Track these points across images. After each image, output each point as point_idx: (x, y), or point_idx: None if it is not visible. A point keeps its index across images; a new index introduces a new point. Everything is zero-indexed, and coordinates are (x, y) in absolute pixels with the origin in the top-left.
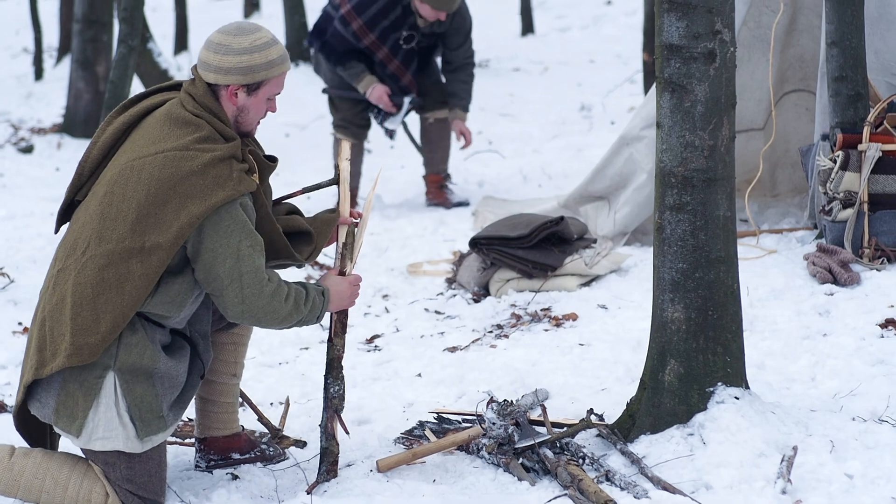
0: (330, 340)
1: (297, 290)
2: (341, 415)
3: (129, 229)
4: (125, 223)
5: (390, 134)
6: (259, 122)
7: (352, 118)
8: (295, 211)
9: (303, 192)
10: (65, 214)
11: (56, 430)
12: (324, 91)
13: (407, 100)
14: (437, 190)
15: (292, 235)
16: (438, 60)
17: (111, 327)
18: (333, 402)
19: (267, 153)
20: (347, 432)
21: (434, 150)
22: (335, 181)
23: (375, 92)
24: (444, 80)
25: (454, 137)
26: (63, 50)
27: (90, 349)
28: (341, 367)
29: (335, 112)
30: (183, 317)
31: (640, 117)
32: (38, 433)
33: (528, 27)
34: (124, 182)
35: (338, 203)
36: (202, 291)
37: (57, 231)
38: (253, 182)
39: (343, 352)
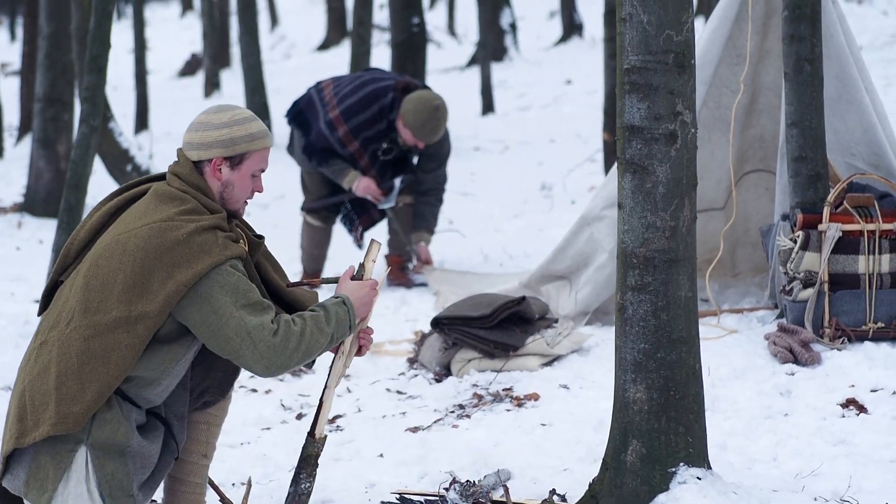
0: (310, 434)
1: (314, 316)
2: None
3: (116, 300)
4: (111, 294)
5: (359, 244)
6: (246, 202)
7: (321, 198)
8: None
9: (322, 283)
10: (48, 295)
11: (26, 502)
12: (302, 208)
13: (398, 181)
14: (399, 271)
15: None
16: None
17: (96, 397)
18: (301, 499)
19: (255, 231)
20: None
21: (399, 233)
22: (359, 277)
23: (362, 184)
24: (415, 178)
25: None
26: (24, 129)
27: (75, 418)
28: (316, 465)
29: (307, 195)
30: (163, 388)
31: (601, 197)
32: None
33: (488, 106)
34: (109, 255)
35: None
36: (183, 362)
37: (41, 312)
38: (240, 248)
39: (321, 449)
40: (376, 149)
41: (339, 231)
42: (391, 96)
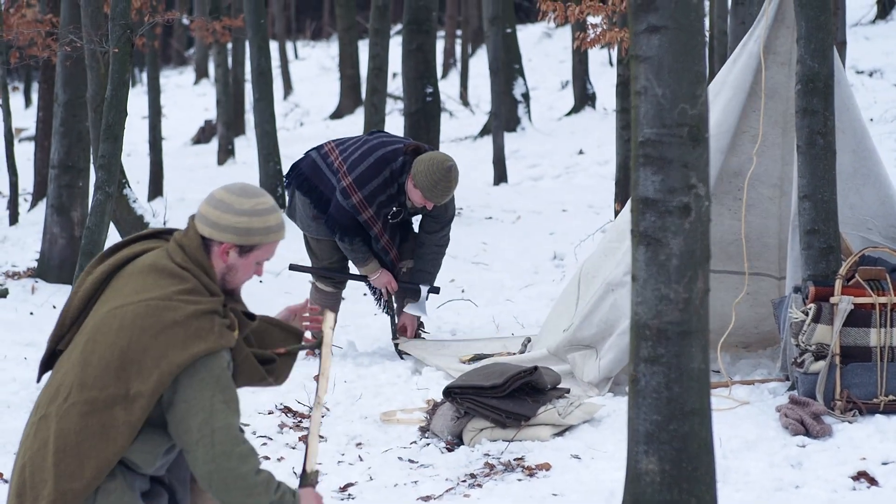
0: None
1: (269, 474)
2: None
3: (113, 376)
4: (108, 370)
5: (392, 317)
6: (244, 282)
7: (331, 266)
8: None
9: (285, 353)
10: (47, 364)
11: None
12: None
13: (424, 290)
14: (414, 333)
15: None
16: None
17: (96, 473)
18: None
19: (247, 310)
20: None
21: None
22: (318, 345)
23: (382, 278)
24: (416, 237)
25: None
26: (38, 195)
27: (74, 495)
28: None
29: (315, 260)
30: (159, 466)
31: (625, 263)
32: None
33: (501, 176)
34: (106, 330)
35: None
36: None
37: (39, 380)
38: (233, 338)
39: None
40: (387, 213)
41: (347, 295)
42: (401, 160)
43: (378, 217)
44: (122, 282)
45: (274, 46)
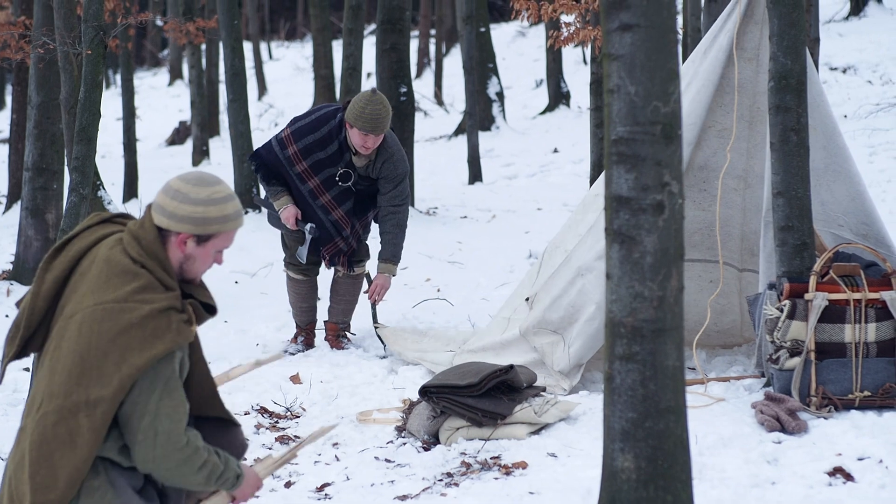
0: None
1: (216, 463)
2: None
3: (75, 383)
4: (70, 377)
5: (327, 266)
6: (204, 272)
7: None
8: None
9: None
10: (15, 358)
11: None
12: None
13: (307, 228)
14: (334, 338)
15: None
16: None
17: (69, 482)
18: None
19: (209, 301)
20: None
21: (339, 301)
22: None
23: (286, 212)
24: (368, 238)
25: (365, 285)
26: (12, 197)
27: None
28: None
29: (286, 250)
30: None
31: (595, 250)
32: None
33: (475, 175)
34: (68, 336)
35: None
36: None
37: (0, 380)
38: (191, 332)
39: None
40: (333, 173)
41: (322, 295)
42: (339, 116)
43: (316, 173)
44: (79, 280)
45: (248, 47)
